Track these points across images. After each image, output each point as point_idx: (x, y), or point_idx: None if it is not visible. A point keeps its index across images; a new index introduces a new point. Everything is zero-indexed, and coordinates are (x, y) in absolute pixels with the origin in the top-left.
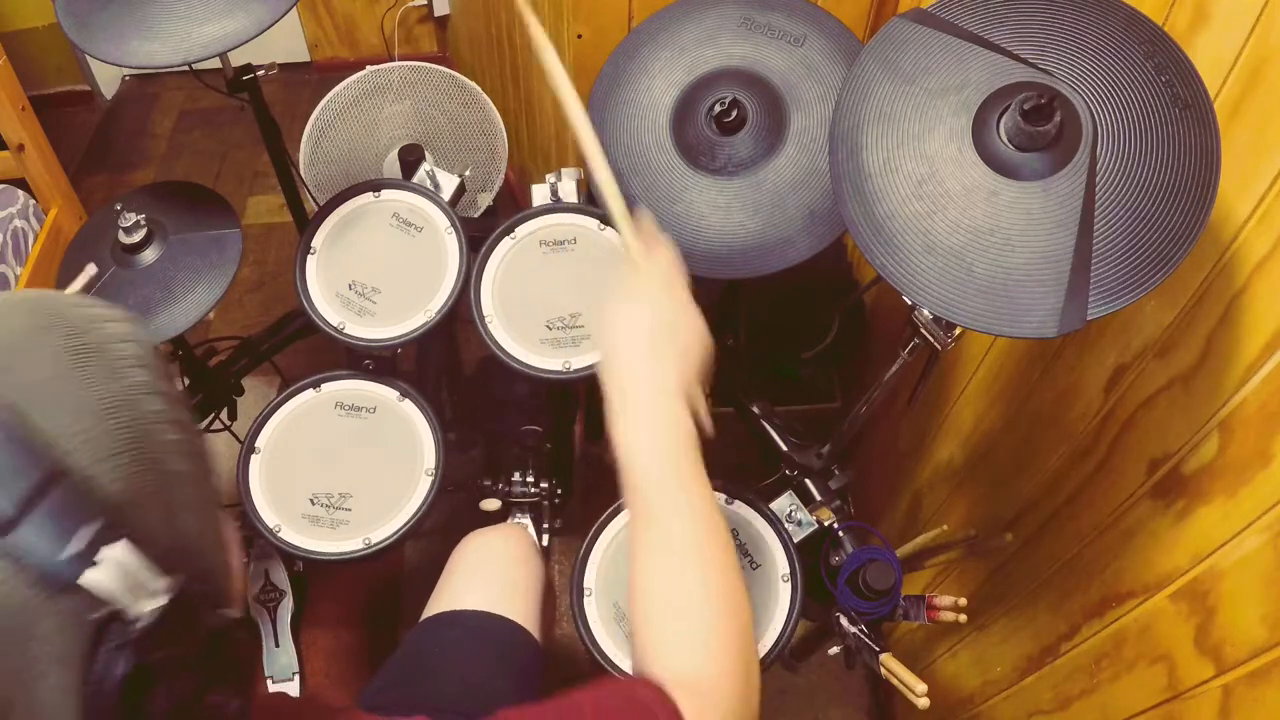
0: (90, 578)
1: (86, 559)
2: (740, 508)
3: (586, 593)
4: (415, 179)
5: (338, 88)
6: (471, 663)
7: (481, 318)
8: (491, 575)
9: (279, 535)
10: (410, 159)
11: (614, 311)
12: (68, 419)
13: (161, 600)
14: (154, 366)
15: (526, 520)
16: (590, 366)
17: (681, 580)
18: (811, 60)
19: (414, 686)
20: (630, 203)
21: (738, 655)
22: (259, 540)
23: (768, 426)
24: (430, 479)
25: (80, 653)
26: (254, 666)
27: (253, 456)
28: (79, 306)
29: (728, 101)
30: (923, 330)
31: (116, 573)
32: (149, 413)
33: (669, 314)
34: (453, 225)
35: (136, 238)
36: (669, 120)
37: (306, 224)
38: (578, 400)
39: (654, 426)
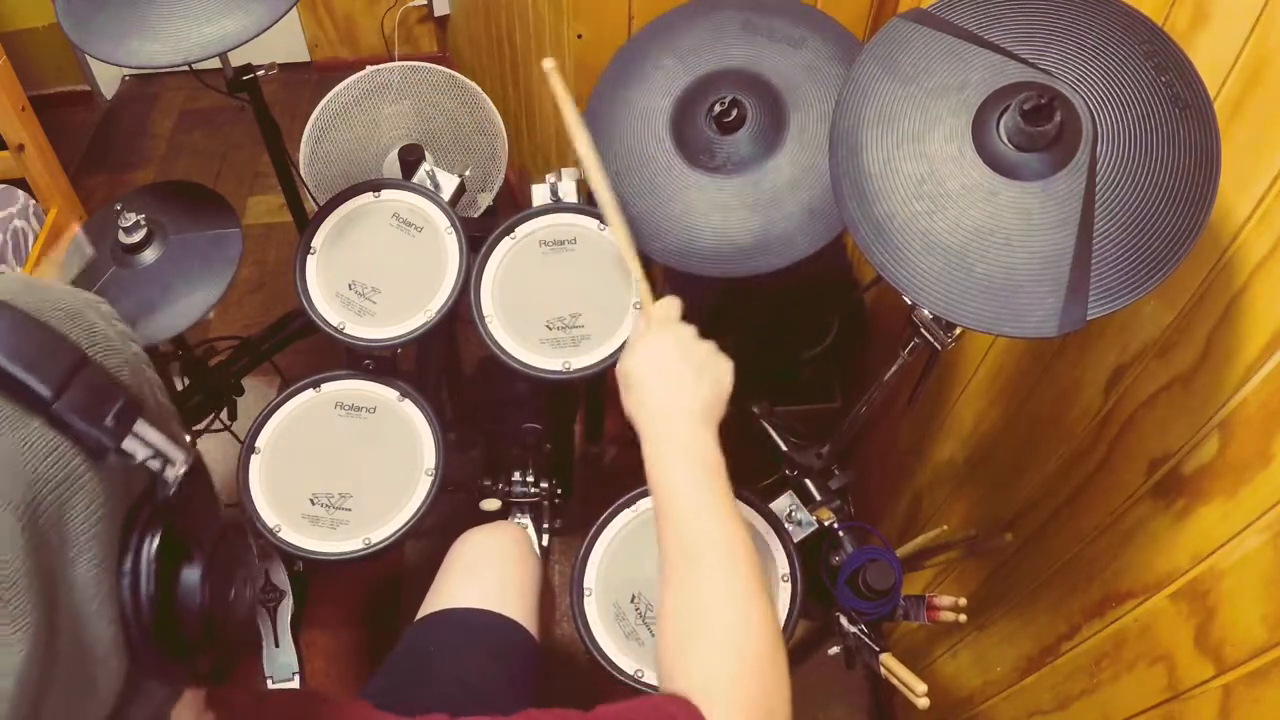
0: (129, 444)
1: (124, 426)
2: (740, 508)
3: (586, 593)
4: (415, 179)
5: (338, 88)
6: (469, 661)
7: (481, 318)
8: (487, 573)
9: (279, 535)
10: (410, 159)
11: (640, 345)
12: (80, 330)
13: (184, 467)
14: (137, 340)
15: (526, 520)
16: (590, 366)
17: (711, 602)
18: (811, 62)
19: (413, 686)
20: (628, 203)
21: (764, 672)
22: (259, 540)
23: (768, 426)
24: (430, 479)
25: (117, 525)
26: (255, 567)
27: (253, 456)
28: (71, 289)
29: (727, 101)
30: (923, 330)
31: (146, 440)
32: (136, 353)
33: (694, 348)
34: (453, 225)
35: (136, 238)
36: (669, 120)
37: (306, 224)
38: (578, 400)
39: (688, 458)
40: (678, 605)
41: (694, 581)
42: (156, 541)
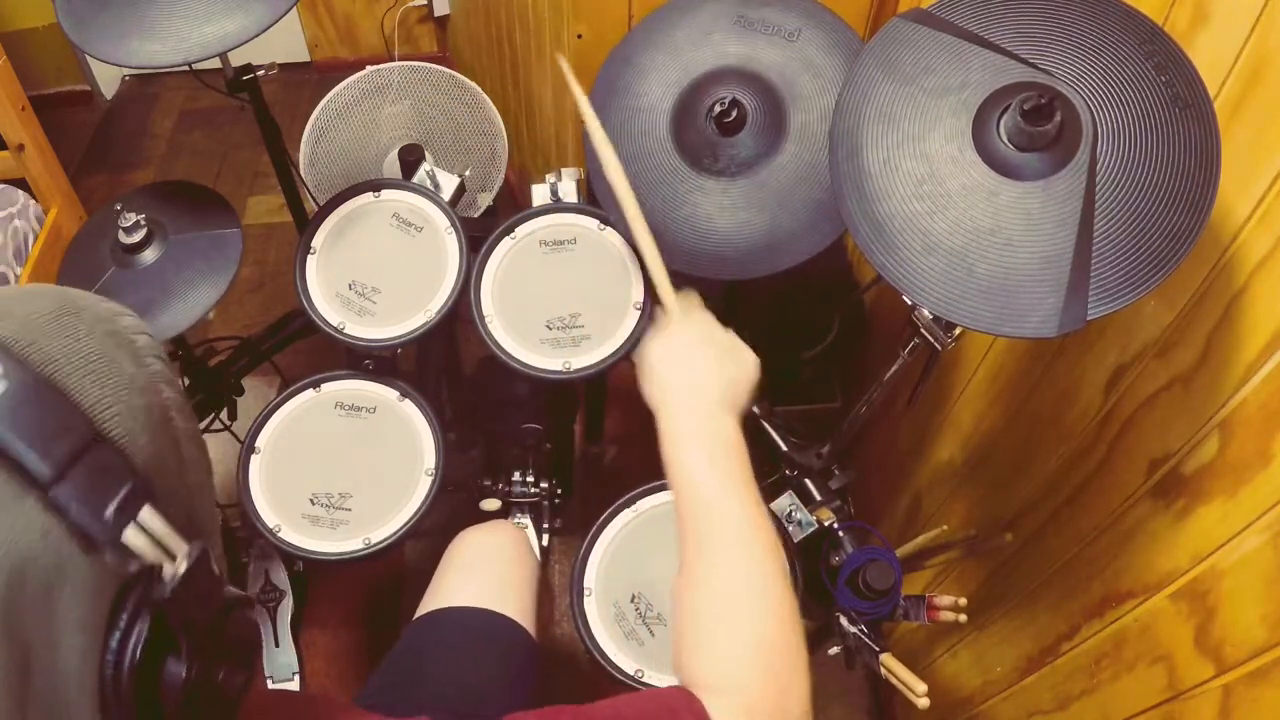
0: (128, 536)
1: (125, 518)
2: None
3: (586, 593)
4: (415, 179)
5: (338, 88)
6: (467, 660)
7: (481, 318)
8: (485, 572)
9: (279, 535)
10: (410, 159)
11: (664, 335)
12: (100, 392)
13: (185, 564)
14: (164, 359)
15: (526, 520)
16: (590, 366)
17: (730, 589)
18: (807, 54)
19: (411, 686)
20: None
21: (778, 662)
22: (259, 540)
23: (768, 426)
24: (430, 479)
25: (105, 614)
26: (258, 645)
27: (253, 456)
28: (98, 301)
29: (727, 102)
30: (923, 330)
31: (149, 533)
32: (166, 399)
33: (717, 336)
34: (453, 225)
35: (136, 238)
36: (669, 123)
37: (306, 224)
38: (578, 400)
39: (706, 433)
40: (695, 590)
41: (712, 566)
42: (145, 629)
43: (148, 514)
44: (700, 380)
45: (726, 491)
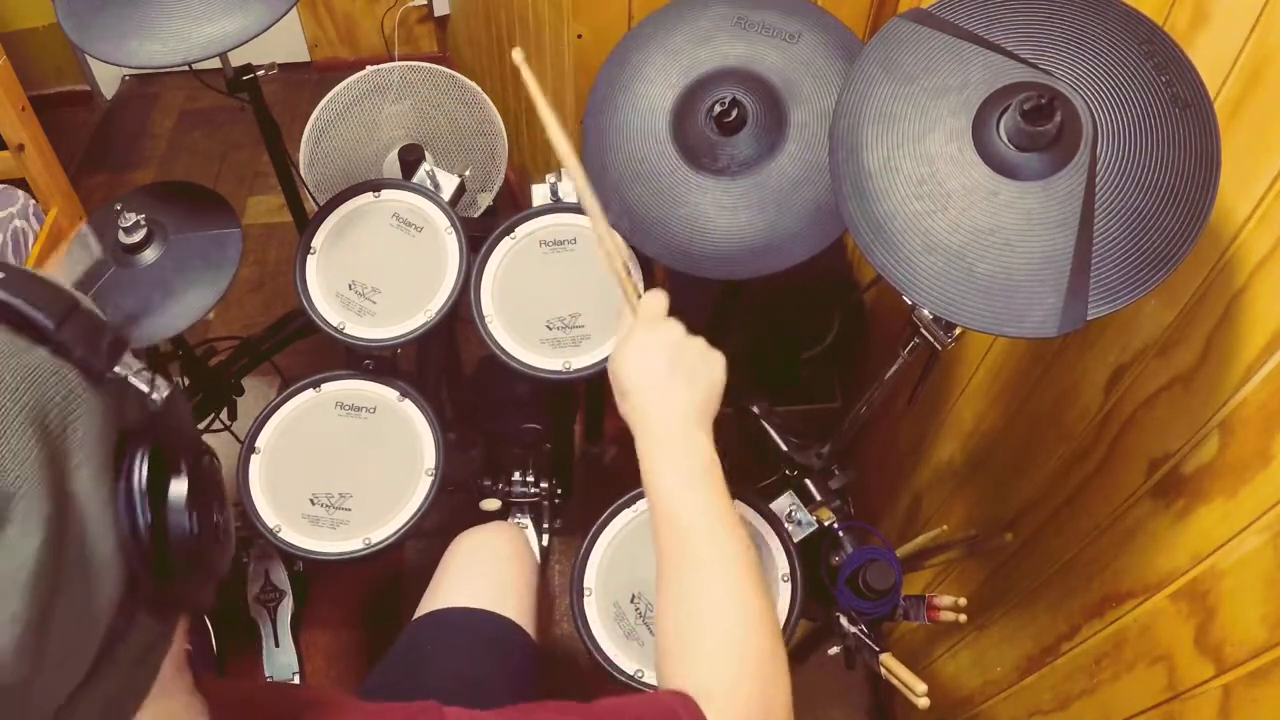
0: (120, 368)
1: (115, 354)
2: (740, 508)
3: (586, 593)
4: (415, 179)
5: (338, 88)
6: (466, 660)
7: (481, 318)
8: (484, 572)
9: (279, 535)
10: (410, 159)
11: (628, 347)
12: (67, 284)
13: (167, 390)
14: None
15: (526, 520)
16: (590, 366)
17: (708, 599)
18: (807, 56)
19: (410, 685)
20: (631, 216)
21: (764, 674)
22: (259, 540)
23: (768, 426)
24: (430, 479)
25: (112, 439)
26: (223, 492)
27: (253, 456)
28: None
29: (727, 101)
30: (923, 330)
31: (133, 367)
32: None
33: (683, 349)
34: (453, 225)
35: (136, 238)
36: (669, 123)
37: (306, 224)
38: (578, 400)
39: (682, 455)
40: (676, 608)
41: (691, 584)
42: (147, 459)
43: (129, 355)
44: (670, 400)
45: (702, 510)
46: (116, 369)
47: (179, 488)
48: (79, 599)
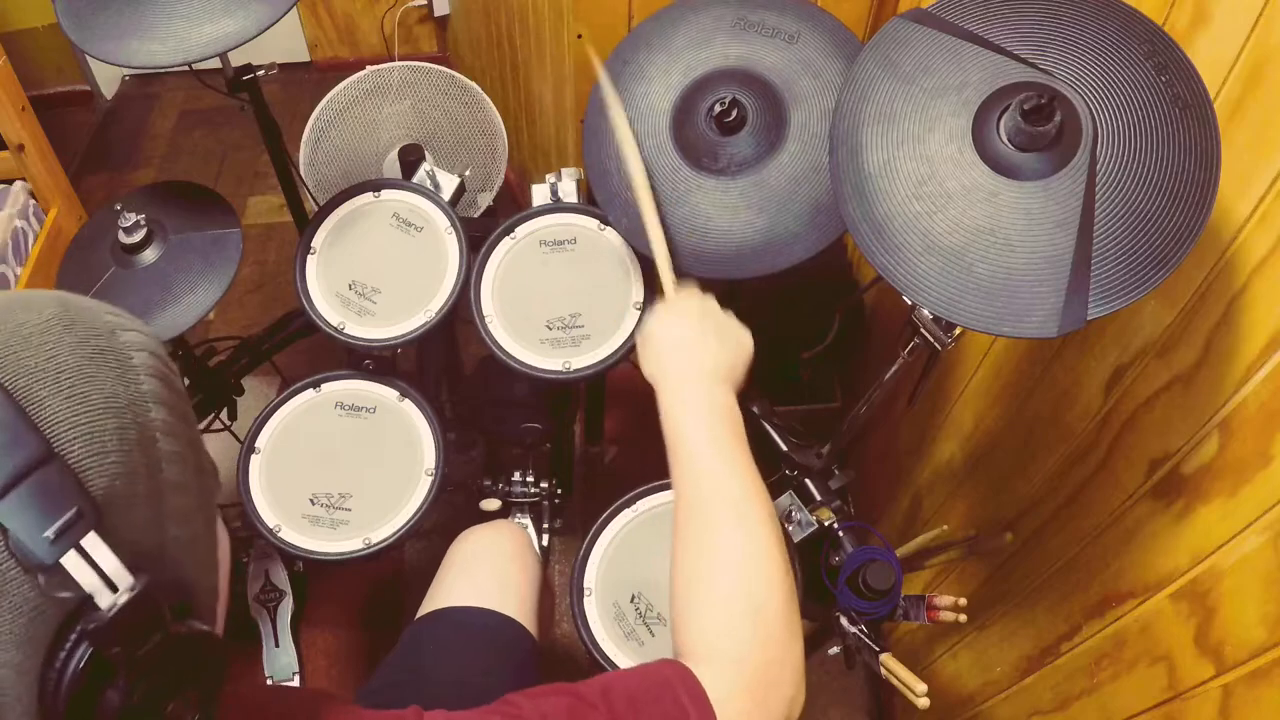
0: (67, 561)
1: (65, 544)
2: None
3: (586, 593)
4: (415, 179)
5: (338, 88)
6: (467, 659)
7: (481, 318)
8: (485, 572)
9: (279, 535)
10: (410, 159)
11: (665, 310)
12: (68, 411)
13: (125, 597)
14: (165, 378)
15: (526, 520)
16: (590, 366)
17: (726, 559)
18: (807, 57)
19: (411, 685)
20: (630, 215)
21: (773, 632)
22: (259, 540)
23: (768, 426)
24: (430, 479)
25: (45, 636)
26: (221, 681)
27: (253, 456)
28: (102, 313)
29: (727, 101)
30: (923, 330)
31: (91, 558)
32: (152, 420)
33: (716, 313)
34: (453, 225)
35: (136, 238)
36: (669, 123)
37: (306, 224)
38: (578, 400)
39: (706, 411)
40: (693, 559)
41: (709, 535)
42: (85, 656)
43: (93, 541)
44: (698, 355)
45: (724, 462)
46: (65, 560)
47: (112, 701)
48: None
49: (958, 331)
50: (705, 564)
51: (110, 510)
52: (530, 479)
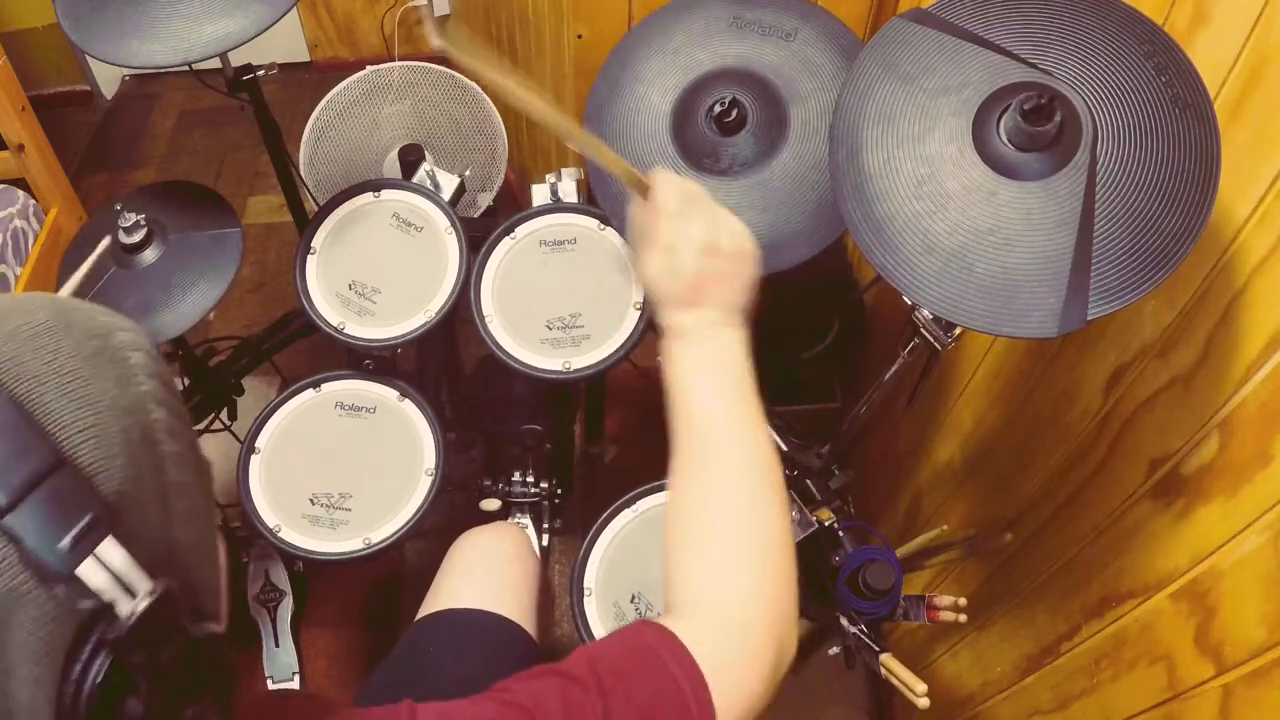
0: (84, 570)
1: (82, 551)
2: None
3: (586, 593)
4: (415, 179)
5: (338, 88)
6: (467, 660)
7: (481, 318)
8: (485, 573)
9: (279, 535)
10: (410, 159)
11: (649, 245)
12: (75, 414)
13: (145, 602)
14: (161, 378)
15: (526, 520)
16: (590, 366)
17: (727, 508)
18: (805, 54)
19: (410, 686)
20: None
21: (775, 589)
22: (259, 540)
23: (767, 427)
24: (430, 479)
25: (62, 647)
26: (235, 684)
27: (253, 456)
28: (96, 313)
29: (727, 101)
30: (923, 330)
31: (108, 568)
32: (154, 421)
33: (705, 227)
34: (453, 225)
35: (136, 238)
36: (669, 125)
37: (306, 224)
38: (578, 400)
39: (713, 367)
40: (689, 509)
41: (709, 478)
42: (104, 666)
43: (109, 546)
44: (699, 291)
45: (729, 415)
46: (82, 569)
47: (134, 710)
48: None
49: (958, 331)
50: (706, 517)
51: (123, 514)
52: (530, 479)
